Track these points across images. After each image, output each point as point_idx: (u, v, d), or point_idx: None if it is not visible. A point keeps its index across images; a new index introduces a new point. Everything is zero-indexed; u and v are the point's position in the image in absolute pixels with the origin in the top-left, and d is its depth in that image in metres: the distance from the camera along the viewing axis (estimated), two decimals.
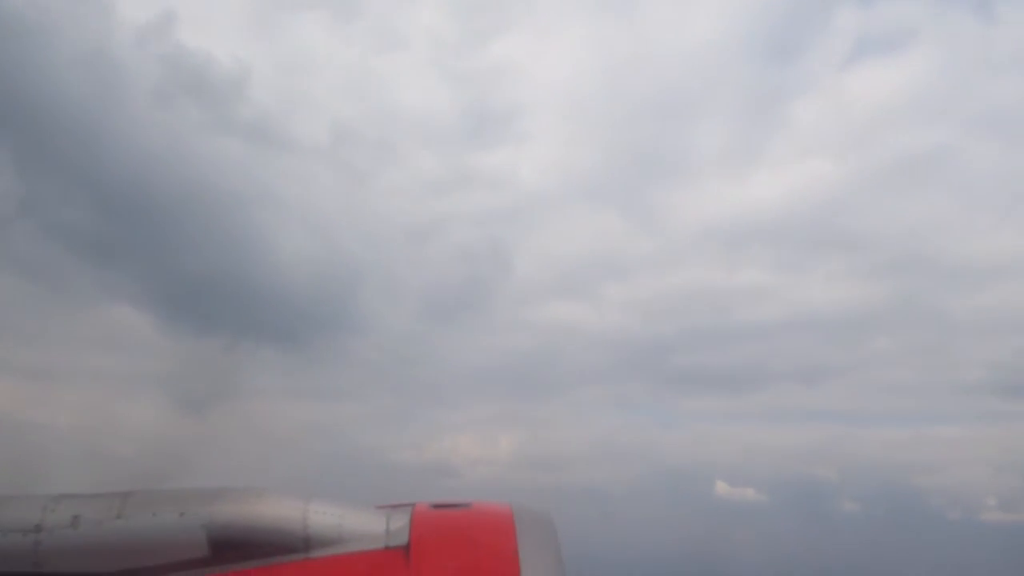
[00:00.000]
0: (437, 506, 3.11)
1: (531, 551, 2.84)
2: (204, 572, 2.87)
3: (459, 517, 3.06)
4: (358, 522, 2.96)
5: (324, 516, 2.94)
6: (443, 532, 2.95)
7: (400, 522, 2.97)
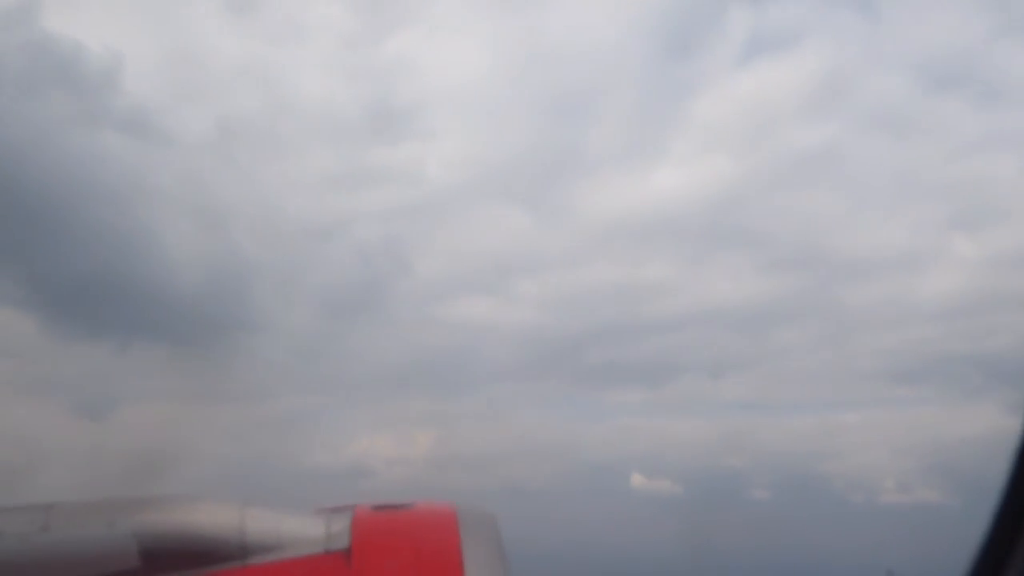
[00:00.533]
0: (378, 508, 3.06)
1: (475, 551, 2.82)
2: None
3: (401, 518, 3.02)
4: (297, 527, 2.90)
5: (261, 522, 2.88)
6: (385, 534, 2.92)
7: (340, 525, 2.91)
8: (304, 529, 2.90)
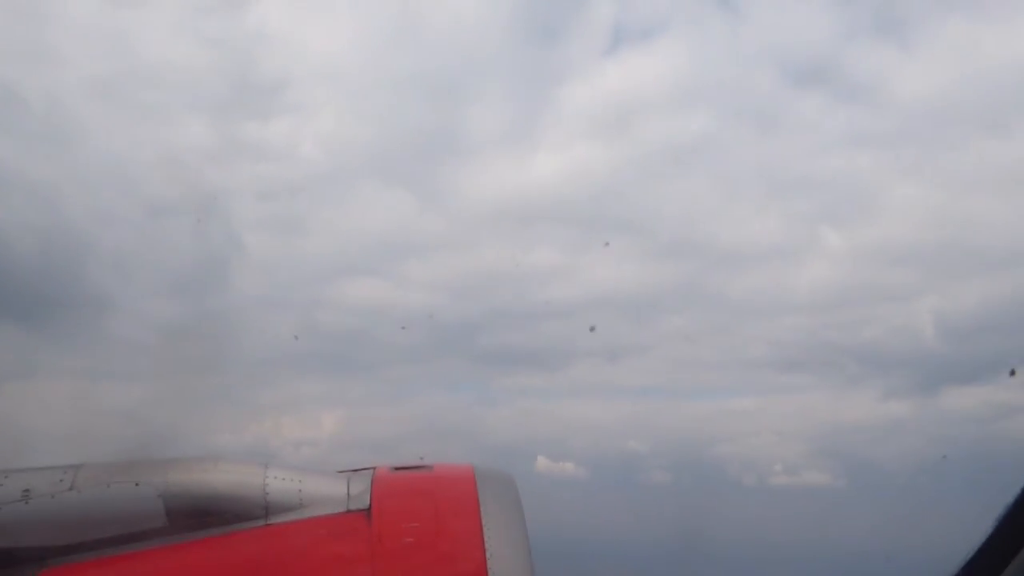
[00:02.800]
0: (398, 468, 3.13)
1: (493, 511, 2.88)
2: (163, 541, 2.86)
3: (420, 479, 3.09)
4: (318, 487, 2.97)
5: (283, 482, 2.94)
6: (404, 494, 2.97)
7: (361, 485, 2.98)
8: (325, 489, 2.97)
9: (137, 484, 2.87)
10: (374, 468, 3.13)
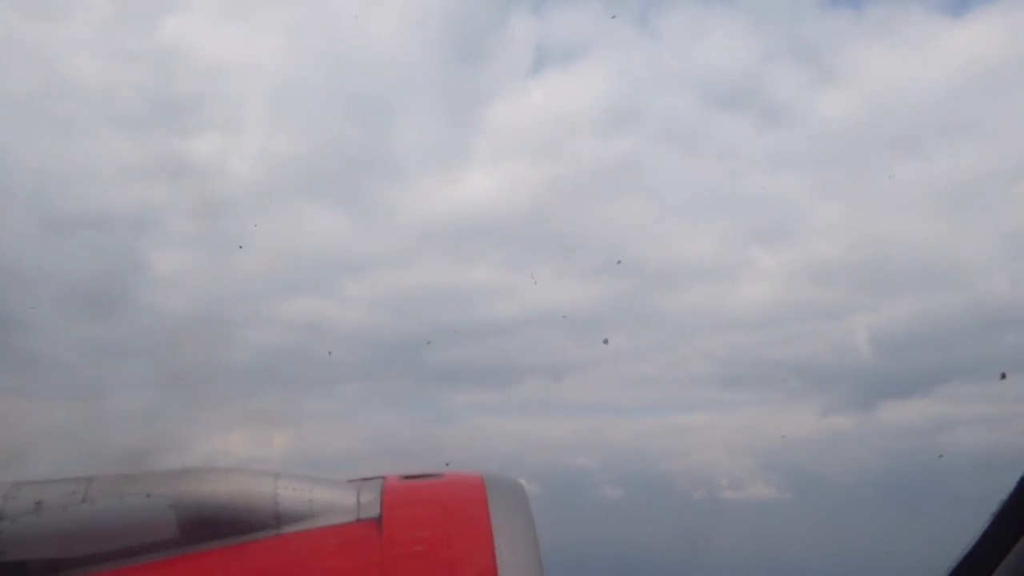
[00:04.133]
0: (407, 477, 3.16)
1: (504, 519, 2.91)
2: (175, 552, 2.87)
3: (430, 487, 3.12)
4: (328, 496, 2.99)
5: (294, 492, 2.96)
6: (414, 503, 3.01)
7: (371, 495, 3.01)
8: (336, 498, 3.00)
9: (148, 495, 2.89)
10: (383, 477, 3.17)
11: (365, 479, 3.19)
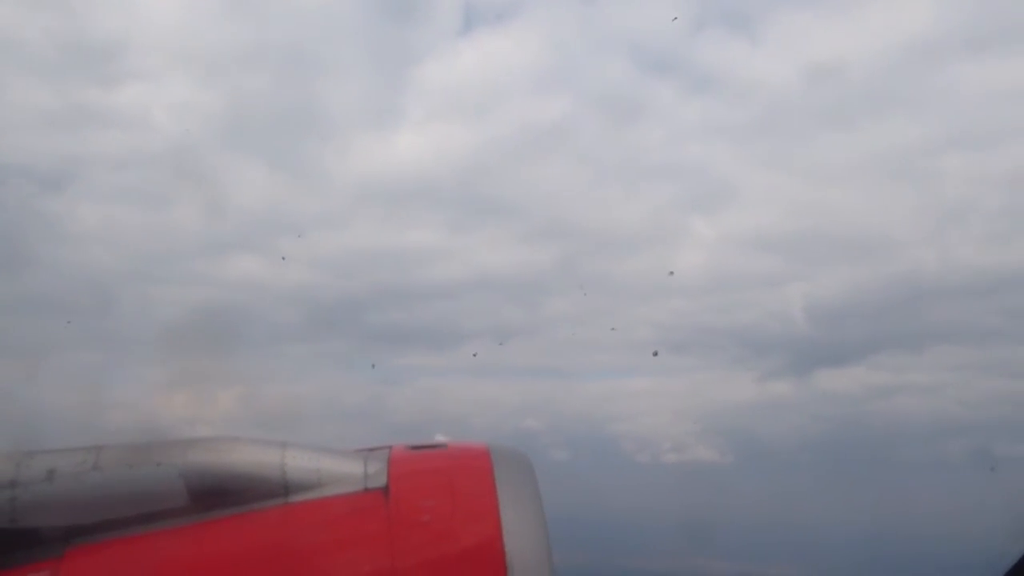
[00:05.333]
0: (414, 447, 3.22)
1: (509, 489, 2.97)
2: (184, 521, 2.91)
3: (436, 458, 3.18)
4: (336, 466, 3.04)
5: (302, 461, 3.01)
6: (421, 473, 3.06)
7: (378, 464, 3.06)
8: (343, 468, 3.04)
9: (158, 464, 2.92)
10: (390, 447, 3.22)
11: (372, 449, 3.24)
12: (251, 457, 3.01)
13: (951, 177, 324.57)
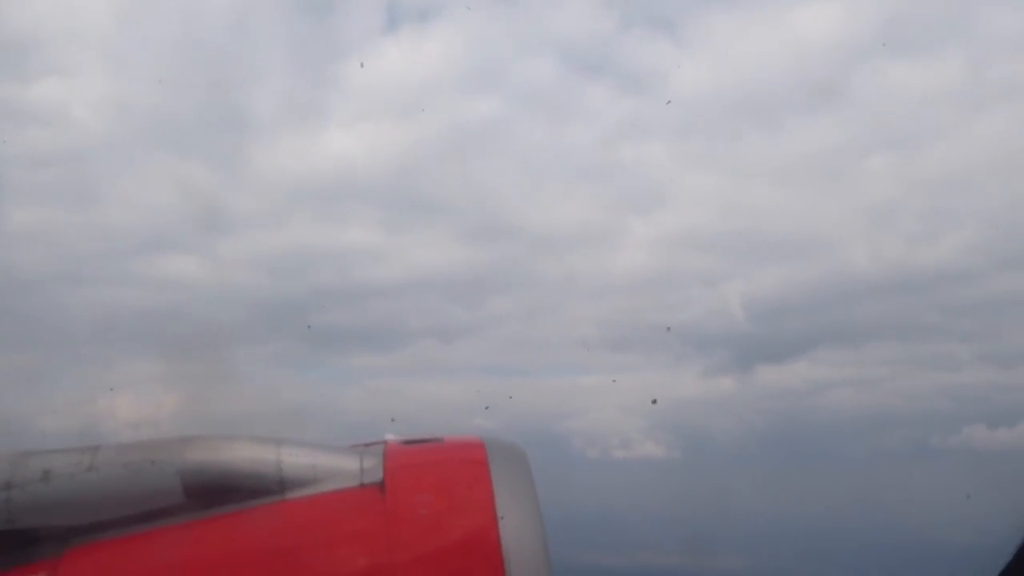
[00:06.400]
0: (409, 442, 3.25)
1: (505, 482, 2.98)
2: (180, 519, 2.91)
3: (431, 451, 3.21)
4: (331, 462, 3.05)
5: (297, 457, 3.02)
6: (416, 467, 3.09)
7: (373, 460, 3.07)
8: (339, 464, 3.05)
9: (154, 463, 2.91)
10: (385, 442, 3.25)
11: (367, 444, 3.26)
12: (247, 454, 3.01)
13: (878, 177, 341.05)
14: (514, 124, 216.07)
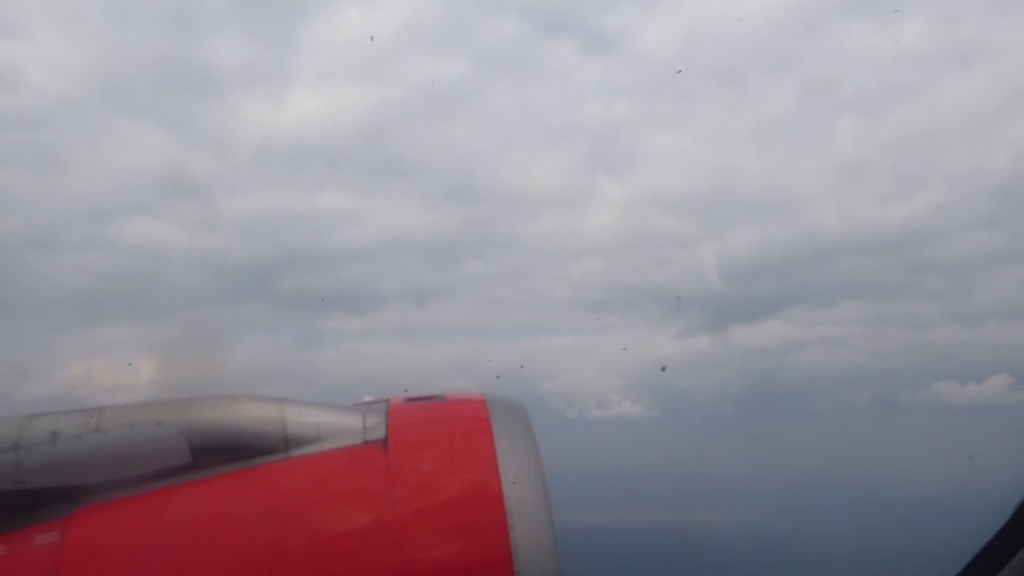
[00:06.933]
0: (411, 399, 3.29)
1: (506, 437, 3.03)
2: (187, 478, 2.95)
3: (433, 408, 3.25)
4: (335, 420, 3.09)
5: (301, 416, 3.06)
6: (419, 424, 3.12)
7: (376, 417, 3.11)
8: (342, 422, 3.09)
9: (160, 423, 2.94)
10: (387, 400, 3.28)
11: (370, 402, 3.30)
12: (251, 413, 3.04)
13: (845, 139, 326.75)
14: (481, 85, 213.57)
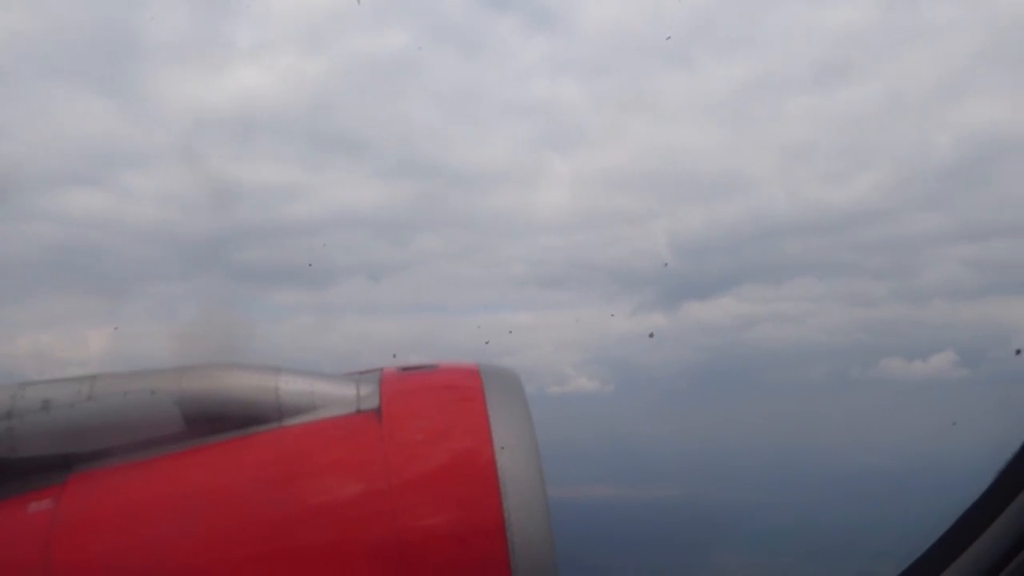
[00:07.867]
0: (404, 369, 3.28)
1: (500, 406, 3.03)
2: (180, 447, 2.93)
3: (427, 378, 3.24)
4: (328, 389, 3.08)
5: (295, 384, 3.05)
6: (412, 393, 3.12)
7: (370, 387, 3.10)
8: (336, 391, 3.08)
9: (153, 392, 2.92)
10: (381, 369, 3.28)
11: (363, 372, 3.29)
12: (245, 382, 3.02)
13: (792, 117, 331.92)
14: (425, 59, 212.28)
